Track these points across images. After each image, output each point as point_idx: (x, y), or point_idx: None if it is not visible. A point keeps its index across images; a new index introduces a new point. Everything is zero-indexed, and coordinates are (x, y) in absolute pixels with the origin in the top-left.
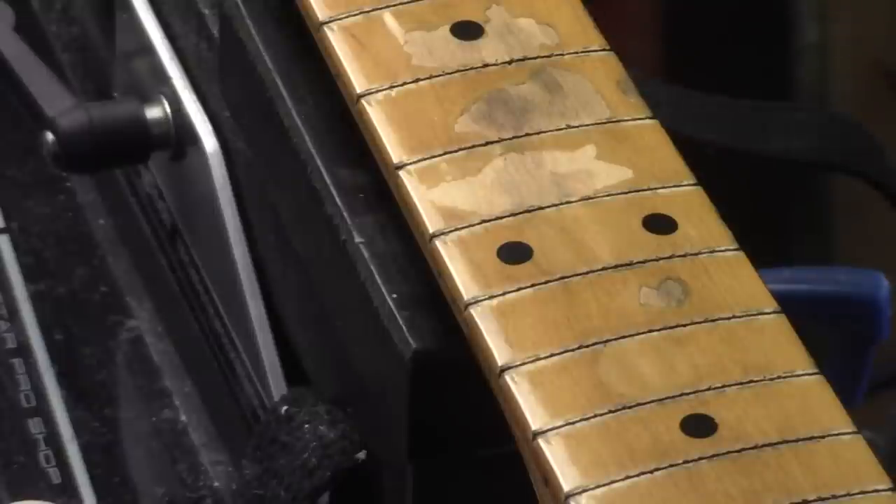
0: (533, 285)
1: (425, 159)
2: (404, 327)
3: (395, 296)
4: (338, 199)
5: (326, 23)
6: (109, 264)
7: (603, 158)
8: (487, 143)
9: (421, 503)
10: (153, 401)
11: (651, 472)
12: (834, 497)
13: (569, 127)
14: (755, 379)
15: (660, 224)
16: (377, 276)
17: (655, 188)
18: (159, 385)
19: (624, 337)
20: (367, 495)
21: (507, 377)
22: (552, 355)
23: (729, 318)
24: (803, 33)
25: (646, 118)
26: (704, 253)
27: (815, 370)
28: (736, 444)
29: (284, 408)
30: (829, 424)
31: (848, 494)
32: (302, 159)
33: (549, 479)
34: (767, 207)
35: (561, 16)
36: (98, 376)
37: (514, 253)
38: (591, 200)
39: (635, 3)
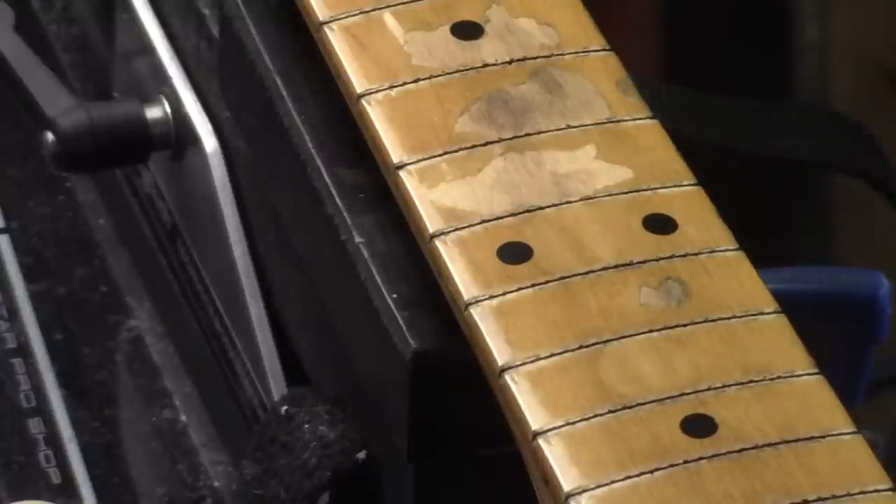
0: (533, 285)
1: (425, 159)
2: (404, 327)
3: (395, 296)
4: (338, 199)
5: (326, 23)
6: (109, 264)
7: (603, 158)
8: (487, 143)
9: (421, 503)
10: (153, 401)
11: (651, 472)
12: (834, 497)
13: (569, 127)
14: (755, 379)
15: (660, 224)
16: (377, 276)
17: (655, 188)
18: (159, 385)
19: (624, 337)
20: (367, 495)
21: (507, 377)
22: (552, 355)
23: (729, 318)
24: (803, 32)
25: (646, 118)
26: (704, 253)
27: (815, 370)
28: (736, 444)
29: (284, 408)
30: (829, 424)
31: (848, 494)
32: (302, 159)
33: (549, 479)
34: (767, 207)
35: (561, 16)
36: (98, 376)
37: (514, 253)
38: (591, 200)
39: (635, 3)
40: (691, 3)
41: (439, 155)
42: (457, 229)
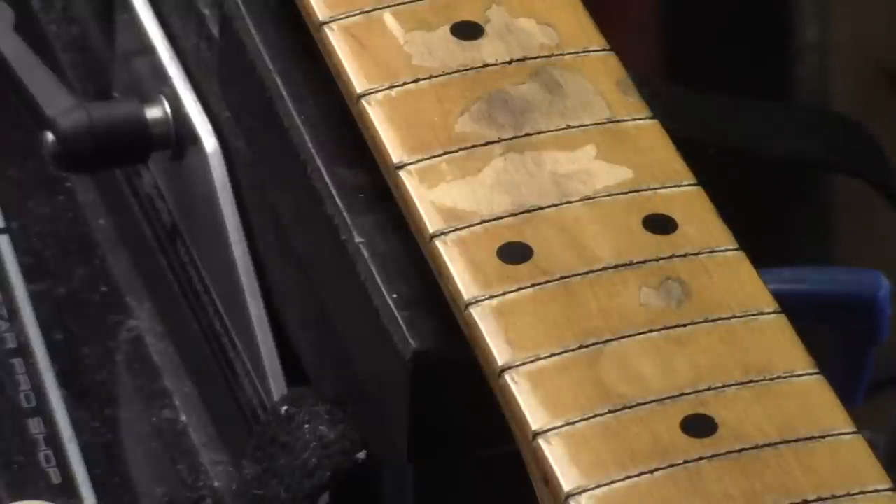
0: (533, 285)
1: (425, 159)
2: (404, 327)
3: (395, 296)
4: (338, 199)
5: (326, 23)
6: (109, 264)
7: (603, 158)
8: (487, 143)
9: (421, 503)
10: (153, 401)
11: (651, 472)
12: (834, 497)
13: (569, 127)
14: (755, 379)
15: (660, 224)
16: (377, 276)
17: (655, 188)
18: (159, 385)
19: (624, 337)
20: (367, 495)
21: (507, 377)
22: (552, 355)
23: (729, 318)
24: (803, 33)
25: (646, 118)
26: (704, 253)
27: (815, 370)
28: (736, 444)
29: (284, 408)
30: (829, 424)
31: (848, 494)
32: (302, 159)
33: (549, 479)
34: (767, 207)
35: (561, 16)
36: (98, 376)
37: (514, 253)
38: (591, 200)
39: (635, 3)
40: (691, 3)
41: (439, 155)
42: (457, 229)
